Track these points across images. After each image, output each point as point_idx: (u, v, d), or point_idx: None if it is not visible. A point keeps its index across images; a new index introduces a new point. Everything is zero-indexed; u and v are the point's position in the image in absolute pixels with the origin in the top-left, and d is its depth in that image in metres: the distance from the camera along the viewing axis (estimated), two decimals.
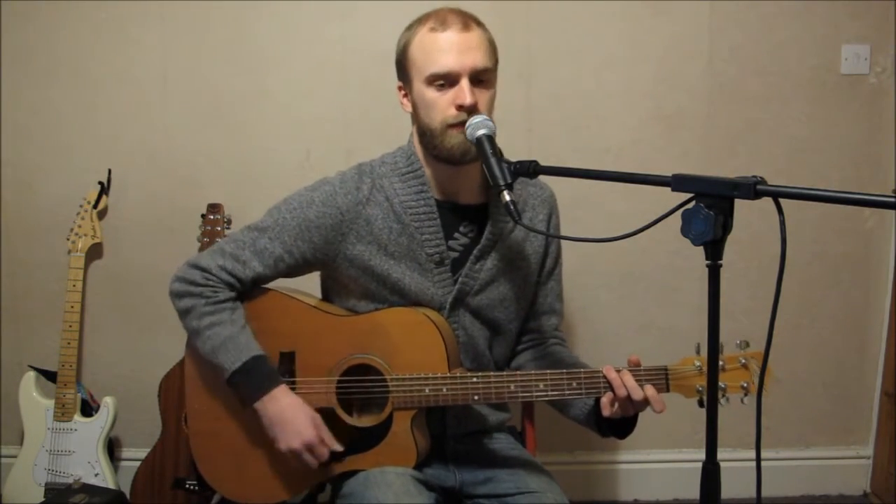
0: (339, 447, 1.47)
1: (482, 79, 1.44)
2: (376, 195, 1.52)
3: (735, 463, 1.94)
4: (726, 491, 1.14)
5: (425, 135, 1.48)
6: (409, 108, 1.51)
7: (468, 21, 1.46)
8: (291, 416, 1.46)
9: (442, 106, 1.43)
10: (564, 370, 1.42)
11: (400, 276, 1.52)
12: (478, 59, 1.43)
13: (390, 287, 1.53)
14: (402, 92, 1.52)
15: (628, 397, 1.36)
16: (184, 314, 1.54)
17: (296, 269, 1.56)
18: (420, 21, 1.48)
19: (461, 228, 1.55)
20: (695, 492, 1.11)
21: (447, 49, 1.42)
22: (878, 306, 2.42)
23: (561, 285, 1.71)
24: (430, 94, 1.44)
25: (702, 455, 1.10)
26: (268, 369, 1.49)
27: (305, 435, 1.45)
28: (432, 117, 1.44)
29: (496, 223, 1.56)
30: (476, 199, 1.57)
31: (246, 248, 1.53)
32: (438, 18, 1.45)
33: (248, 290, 1.56)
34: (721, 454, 1.10)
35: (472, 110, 1.41)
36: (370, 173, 1.55)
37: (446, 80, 1.43)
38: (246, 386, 1.48)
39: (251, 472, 1.56)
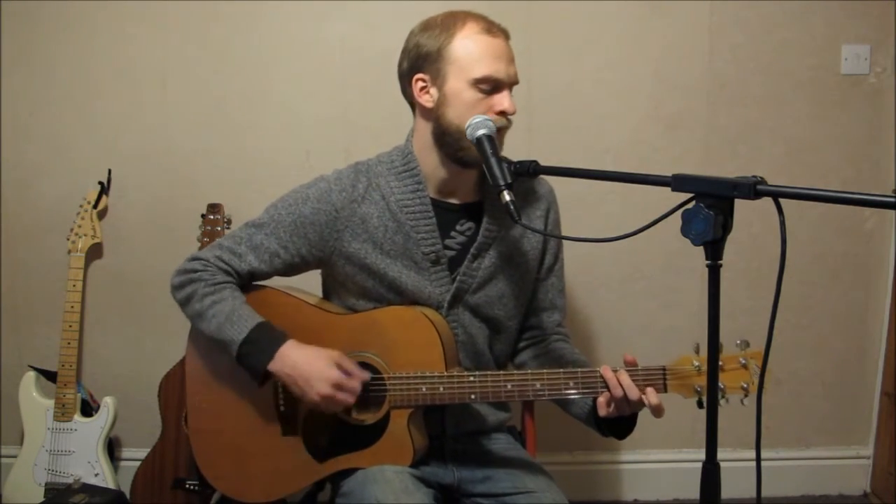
0: (365, 374, 1.45)
1: (511, 90, 1.48)
2: (372, 193, 1.53)
3: (735, 463, 1.94)
4: (726, 491, 1.14)
5: (450, 134, 1.47)
6: (430, 103, 1.48)
7: (507, 32, 1.49)
8: (309, 365, 1.44)
9: (481, 109, 1.44)
10: (561, 370, 1.42)
11: (396, 275, 1.52)
12: (516, 72, 1.49)
13: (387, 285, 1.53)
14: (421, 85, 1.49)
15: (624, 397, 1.36)
16: (185, 302, 1.54)
17: (293, 267, 1.56)
18: (454, 21, 1.46)
19: (457, 227, 1.56)
20: (695, 492, 1.11)
21: (500, 56, 1.45)
22: (878, 306, 2.42)
23: (563, 281, 1.71)
24: (472, 95, 1.44)
25: (702, 455, 1.10)
26: (273, 331, 1.48)
27: (331, 377, 1.42)
28: (467, 118, 1.43)
29: (492, 220, 1.56)
30: (472, 198, 1.58)
31: (242, 242, 1.55)
32: (483, 23, 1.46)
33: (244, 283, 1.57)
34: (721, 454, 1.10)
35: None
36: (366, 172, 1.55)
37: (491, 86, 1.44)
38: (255, 354, 1.46)
39: (251, 470, 1.56)
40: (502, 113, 1.45)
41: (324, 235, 1.53)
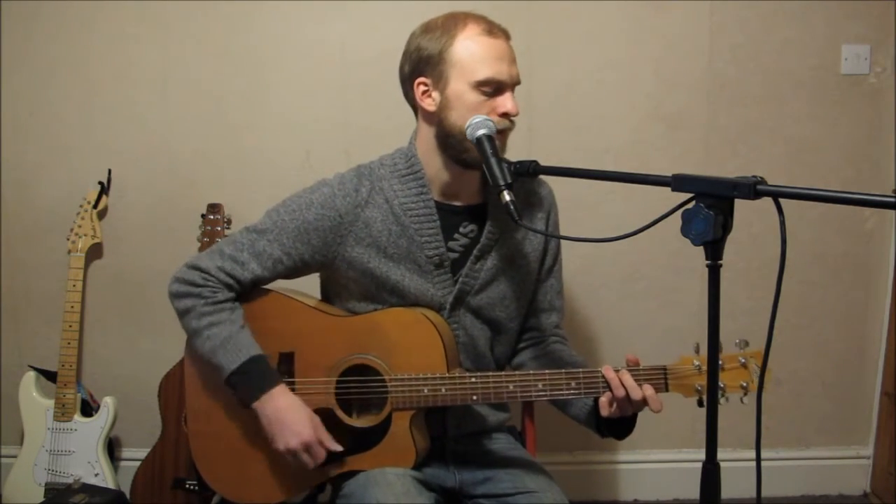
0: (337, 447, 1.47)
1: (513, 90, 1.48)
2: (375, 197, 1.52)
3: (735, 463, 1.94)
4: (726, 491, 1.14)
5: (454, 136, 1.46)
6: (433, 107, 1.48)
7: (507, 32, 1.49)
8: (289, 415, 1.46)
9: (484, 111, 1.43)
10: (563, 370, 1.42)
11: (399, 279, 1.52)
12: (518, 72, 1.48)
13: (390, 289, 1.53)
14: (423, 88, 1.49)
15: (627, 397, 1.37)
16: (183, 314, 1.53)
17: (295, 271, 1.56)
18: (455, 23, 1.45)
19: (461, 229, 1.56)
20: (695, 492, 1.11)
21: (501, 57, 1.44)
22: (878, 306, 2.42)
23: (561, 282, 1.71)
24: (475, 97, 1.43)
25: (702, 455, 1.10)
26: (266, 369, 1.49)
27: (303, 435, 1.45)
28: (469, 119, 1.43)
29: (495, 223, 1.56)
30: (475, 200, 1.57)
31: (244, 249, 1.53)
32: (483, 24, 1.45)
33: (247, 291, 1.56)
34: (721, 454, 1.10)
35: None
36: (369, 175, 1.54)
37: (494, 88, 1.44)
38: (244, 386, 1.48)
39: (251, 472, 1.56)
40: (505, 115, 1.45)
41: (327, 241, 1.52)
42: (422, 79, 1.48)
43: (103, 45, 2.29)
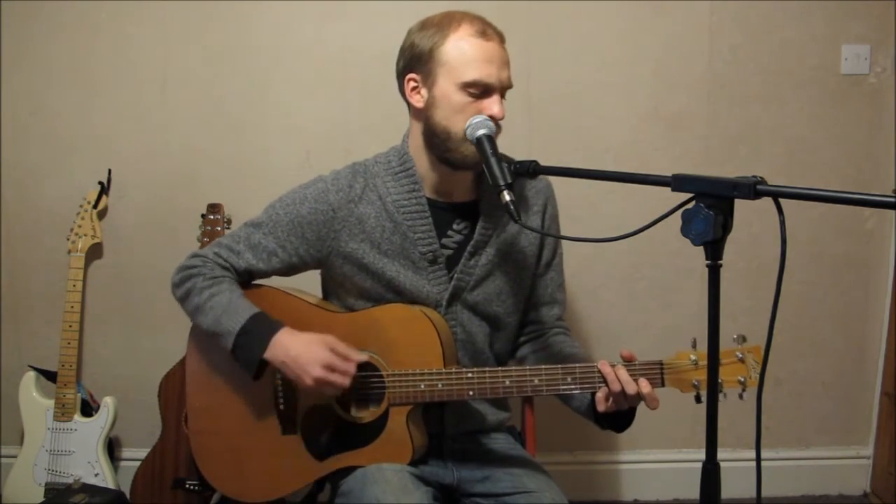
0: (360, 356, 1.45)
1: (504, 94, 1.47)
2: (369, 194, 1.54)
3: (735, 463, 1.95)
4: (726, 491, 1.14)
5: (437, 136, 1.47)
6: (421, 104, 1.48)
7: (502, 35, 1.48)
8: (301, 349, 1.44)
9: (470, 113, 1.43)
10: (559, 366, 1.43)
11: (394, 275, 1.53)
12: (509, 76, 1.47)
13: (385, 285, 1.54)
14: (412, 84, 1.49)
15: (622, 391, 1.37)
16: (185, 297, 1.55)
17: (291, 267, 1.57)
18: (449, 22, 1.45)
19: (454, 226, 1.56)
20: (695, 492, 1.11)
21: (490, 60, 1.43)
22: (878, 306, 2.42)
23: (562, 276, 1.71)
24: (461, 98, 1.43)
25: (702, 455, 1.10)
26: (267, 319, 1.49)
27: (322, 358, 1.42)
28: (455, 121, 1.44)
29: (488, 219, 1.57)
30: (468, 197, 1.58)
31: (241, 241, 1.56)
32: (477, 25, 1.45)
33: (243, 281, 1.58)
34: (721, 454, 1.10)
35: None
36: (363, 172, 1.56)
37: (481, 90, 1.43)
38: (250, 344, 1.46)
39: (251, 469, 1.56)
40: (490, 118, 1.44)
41: (321, 235, 1.53)
42: (412, 75, 1.49)
43: (103, 45, 2.29)
